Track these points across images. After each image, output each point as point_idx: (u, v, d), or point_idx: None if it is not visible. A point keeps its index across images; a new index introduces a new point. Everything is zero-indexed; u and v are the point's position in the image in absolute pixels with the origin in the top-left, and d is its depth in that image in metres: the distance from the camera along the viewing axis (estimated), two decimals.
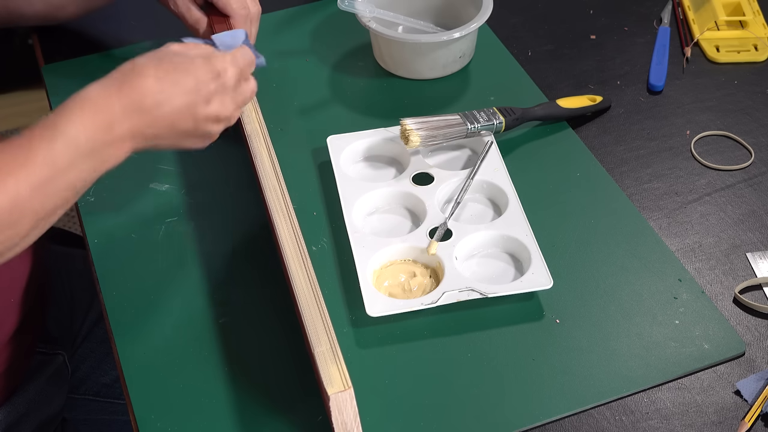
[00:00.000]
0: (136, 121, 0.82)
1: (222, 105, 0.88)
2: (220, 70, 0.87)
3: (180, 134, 0.86)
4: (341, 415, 0.79)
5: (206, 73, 0.86)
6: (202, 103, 0.86)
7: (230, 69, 0.88)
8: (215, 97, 0.87)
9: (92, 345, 1.19)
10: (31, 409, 1.08)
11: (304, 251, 0.89)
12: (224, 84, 0.87)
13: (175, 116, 0.84)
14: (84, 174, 0.80)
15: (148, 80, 0.83)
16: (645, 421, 0.86)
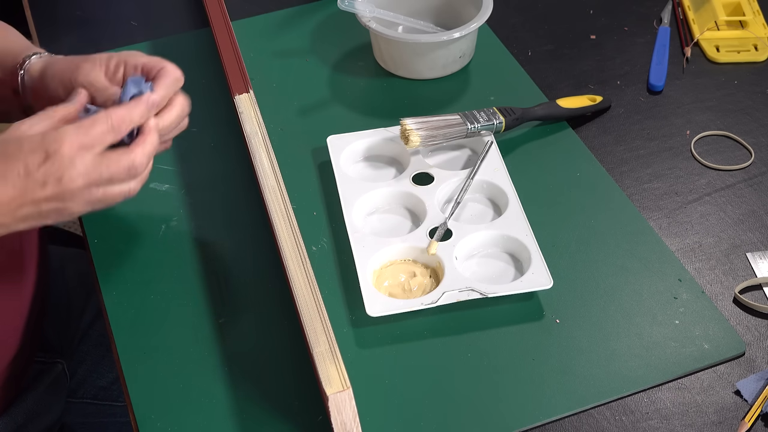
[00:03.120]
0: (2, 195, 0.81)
1: (59, 184, 0.81)
2: (50, 150, 0.81)
3: (27, 218, 0.83)
4: (340, 415, 0.79)
5: (36, 155, 0.81)
6: (37, 188, 0.81)
7: (65, 146, 0.81)
8: (50, 177, 0.81)
9: (88, 348, 1.19)
10: (29, 419, 1.08)
11: (303, 251, 0.89)
12: (57, 162, 0.81)
13: (13, 205, 0.81)
14: None
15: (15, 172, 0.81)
16: (645, 421, 0.86)
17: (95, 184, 0.83)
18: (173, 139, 1.05)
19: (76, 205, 0.84)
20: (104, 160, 0.83)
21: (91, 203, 0.84)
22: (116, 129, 0.84)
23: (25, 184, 0.81)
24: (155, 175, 1.09)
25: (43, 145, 0.81)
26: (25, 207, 0.82)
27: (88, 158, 0.82)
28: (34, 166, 0.80)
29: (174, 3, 1.35)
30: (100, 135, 0.83)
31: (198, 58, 1.24)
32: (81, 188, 0.82)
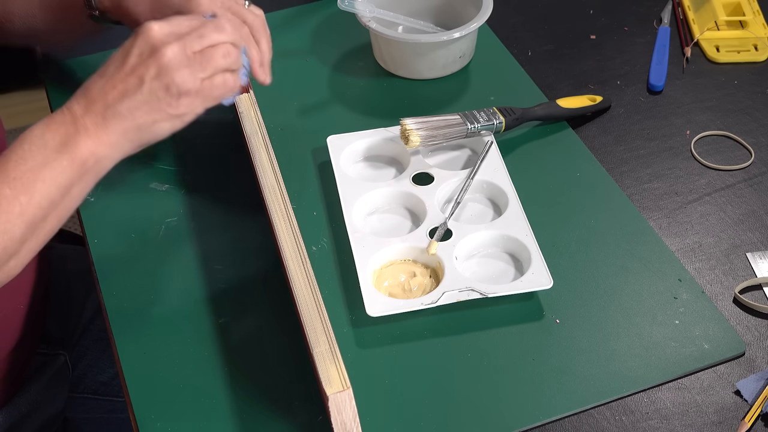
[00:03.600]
0: (89, 113, 0.83)
1: (152, 49, 0.83)
2: (138, 30, 0.85)
3: (137, 100, 0.83)
4: (340, 415, 0.79)
5: (128, 41, 0.85)
6: (134, 60, 0.84)
7: (150, 23, 0.84)
8: (142, 47, 0.84)
9: (88, 343, 1.19)
10: (32, 409, 1.08)
11: (303, 251, 0.89)
12: (146, 33, 0.84)
13: (117, 83, 0.83)
14: (61, 171, 0.81)
15: (92, 80, 0.85)
16: (645, 421, 0.86)
17: (187, 41, 0.84)
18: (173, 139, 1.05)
19: (182, 75, 0.83)
20: (187, 20, 0.86)
21: (194, 72, 0.84)
22: None
23: (123, 61, 0.83)
24: (155, 175, 1.09)
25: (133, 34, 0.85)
26: (128, 81, 0.83)
27: (173, 23, 0.85)
28: (127, 44, 0.84)
29: None
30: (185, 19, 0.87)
31: None
32: (175, 49, 0.83)
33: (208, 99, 0.87)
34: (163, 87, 0.83)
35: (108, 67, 0.84)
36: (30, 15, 1.10)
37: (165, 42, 0.83)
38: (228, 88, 0.88)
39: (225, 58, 0.86)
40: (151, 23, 0.84)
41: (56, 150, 0.81)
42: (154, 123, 0.85)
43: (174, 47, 0.83)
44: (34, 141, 0.81)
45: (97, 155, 0.83)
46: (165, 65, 0.83)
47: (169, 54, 0.83)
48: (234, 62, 0.87)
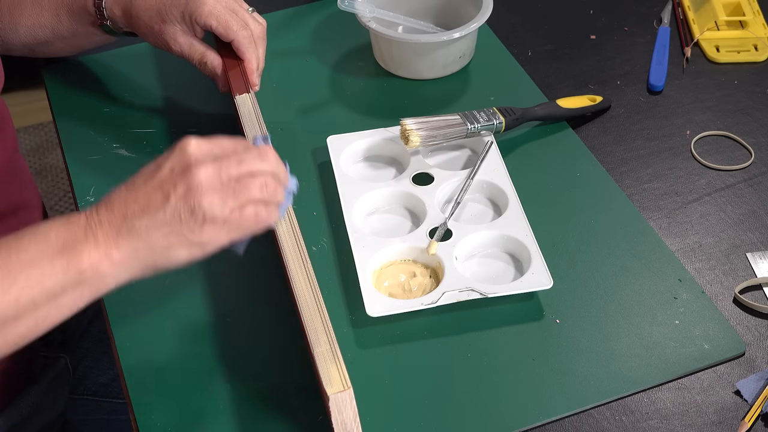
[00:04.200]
0: (108, 226, 0.75)
1: (186, 167, 0.76)
2: (176, 145, 0.78)
3: (159, 220, 0.75)
4: (341, 415, 0.79)
5: (165, 154, 0.78)
6: (165, 176, 0.76)
7: (191, 139, 0.78)
8: (176, 163, 0.77)
9: (87, 344, 1.19)
10: (33, 412, 1.08)
11: (303, 251, 0.89)
12: (183, 150, 0.77)
13: (141, 198, 0.76)
14: (52, 274, 0.74)
15: (118, 189, 0.78)
16: (645, 421, 0.86)
17: (223, 166, 0.77)
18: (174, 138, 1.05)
19: (211, 201, 0.76)
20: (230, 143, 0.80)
21: (225, 200, 0.76)
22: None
23: (152, 175, 0.77)
24: None
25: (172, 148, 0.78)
26: (153, 198, 0.76)
27: (214, 144, 0.79)
28: (162, 159, 0.78)
29: None
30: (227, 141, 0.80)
31: None
32: (210, 173, 0.76)
33: (235, 230, 0.78)
34: (189, 209, 0.75)
35: (137, 177, 0.78)
36: (38, 25, 1.10)
37: (200, 161, 0.76)
38: (259, 222, 0.79)
39: (261, 190, 0.78)
40: (190, 138, 0.77)
41: (55, 251, 0.74)
42: (170, 247, 0.76)
43: (208, 168, 0.76)
44: (39, 235, 0.75)
45: (98, 269, 0.75)
46: (195, 186, 0.75)
47: (201, 174, 0.76)
48: (271, 195, 0.79)
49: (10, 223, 1.04)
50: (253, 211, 0.78)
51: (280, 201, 0.81)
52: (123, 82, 1.22)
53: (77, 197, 1.07)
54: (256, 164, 0.79)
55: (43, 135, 2.52)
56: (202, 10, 1.03)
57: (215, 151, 0.78)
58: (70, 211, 2.31)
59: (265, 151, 0.81)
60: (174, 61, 1.15)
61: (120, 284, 0.77)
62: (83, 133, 1.15)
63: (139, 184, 0.77)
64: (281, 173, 0.82)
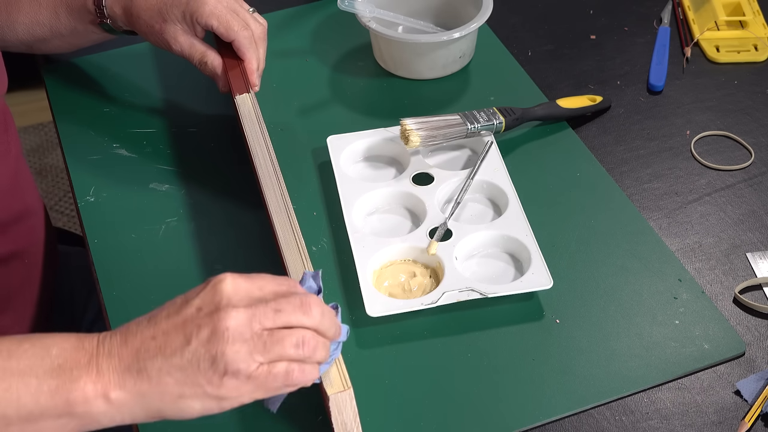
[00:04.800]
0: (118, 358, 0.68)
1: (215, 309, 0.68)
2: (212, 279, 0.71)
3: (174, 365, 0.67)
4: (341, 415, 0.79)
5: (197, 288, 0.71)
6: (191, 314, 0.69)
7: (227, 276, 0.71)
8: (205, 302, 0.69)
9: None
10: None
11: (303, 251, 0.89)
12: (216, 288, 0.70)
13: (160, 337, 0.68)
14: (34, 395, 0.65)
15: (136, 321, 0.70)
16: (645, 421, 0.86)
17: (257, 317, 0.68)
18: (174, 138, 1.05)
19: (236, 352, 0.67)
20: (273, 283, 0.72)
21: (252, 354, 0.68)
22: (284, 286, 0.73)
23: (179, 311, 0.69)
24: (155, 175, 1.09)
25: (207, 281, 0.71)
26: (173, 339, 0.67)
27: (252, 287, 0.71)
28: (193, 293, 0.70)
29: None
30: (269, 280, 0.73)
31: None
32: (240, 323, 0.68)
33: (261, 388, 0.69)
34: (210, 357, 0.66)
35: (162, 310, 0.70)
36: (36, 23, 1.10)
37: (232, 304, 0.68)
38: (289, 381, 0.70)
39: (297, 347, 0.69)
40: (227, 275, 0.70)
41: (50, 369, 0.66)
42: (182, 396, 0.67)
43: (240, 314, 0.68)
44: (39, 345, 0.67)
45: (90, 405, 0.67)
46: (221, 331, 0.67)
47: (230, 320, 0.67)
48: (308, 354, 0.70)
49: (15, 230, 1.04)
50: (284, 369, 0.69)
51: (320, 360, 0.71)
52: (123, 82, 1.22)
53: (77, 197, 1.07)
54: (297, 316, 0.70)
55: (43, 135, 2.51)
56: (204, 10, 1.03)
57: (253, 293, 0.70)
58: (70, 211, 2.31)
59: (308, 302, 0.71)
60: (174, 61, 1.15)
61: (118, 424, 0.69)
62: (83, 133, 1.15)
63: (161, 318, 0.68)
64: (326, 328, 0.72)
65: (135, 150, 1.12)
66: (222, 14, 1.04)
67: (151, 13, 1.04)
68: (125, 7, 1.06)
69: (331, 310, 0.74)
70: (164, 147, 1.12)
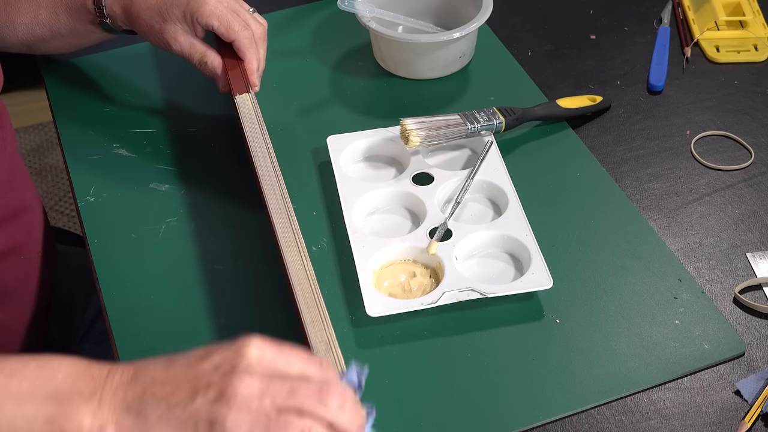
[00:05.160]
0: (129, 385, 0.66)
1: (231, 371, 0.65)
2: (239, 341, 0.67)
3: (172, 415, 0.64)
4: None
5: (225, 344, 0.68)
6: (208, 369, 0.66)
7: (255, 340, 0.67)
8: (225, 361, 0.66)
9: (89, 346, 1.19)
10: None
11: (303, 251, 0.89)
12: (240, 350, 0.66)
13: (170, 384, 0.65)
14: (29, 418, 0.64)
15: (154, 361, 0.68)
16: (645, 421, 0.86)
17: (271, 394, 0.64)
18: (174, 138, 1.05)
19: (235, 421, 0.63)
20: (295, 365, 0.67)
21: None
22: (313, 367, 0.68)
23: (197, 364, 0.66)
24: (155, 175, 1.09)
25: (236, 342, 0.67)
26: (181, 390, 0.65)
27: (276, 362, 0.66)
28: (216, 348, 0.67)
29: None
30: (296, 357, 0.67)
31: None
32: (251, 394, 0.64)
33: None
34: (210, 419, 0.63)
35: (182, 357, 0.67)
36: (36, 23, 1.10)
37: (250, 371, 0.64)
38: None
39: None
40: (256, 339, 0.66)
41: (50, 395, 0.65)
42: None
43: (254, 384, 0.64)
44: (45, 368, 0.66)
45: None
46: (228, 395, 0.63)
47: (242, 387, 0.64)
48: None
49: (12, 226, 1.04)
50: None
51: None
52: (123, 82, 1.22)
53: (77, 197, 1.07)
54: (311, 402, 0.64)
55: (43, 135, 2.52)
56: (204, 10, 1.03)
57: (277, 365, 0.66)
58: (70, 211, 2.31)
59: (329, 390, 0.65)
60: (174, 61, 1.15)
61: None
62: (83, 133, 1.15)
63: (178, 365, 0.66)
64: (343, 423, 0.65)
65: (135, 150, 1.12)
66: (222, 14, 1.04)
67: (151, 12, 1.04)
68: (125, 6, 1.06)
69: (358, 406, 0.67)
70: (164, 147, 1.12)
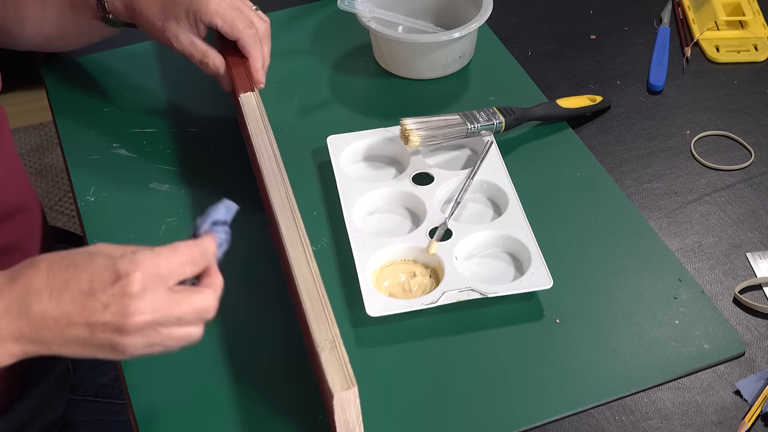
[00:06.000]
0: (18, 321, 0.72)
1: (122, 313, 0.71)
2: (122, 272, 0.71)
3: (74, 342, 0.72)
4: (344, 414, 0.79)
5: (105, 274, 0.72)
6: (98, 308, 0.71)
7: (137, 273, 0.71)
8: (114, 302, 0.71)
9: None
10: (33, 415, 1.08)
11: (308, 250, 0.89)
12: (125, 289, 0.71)
13: (63, 321, 0.71)
14: None
15: (37, 277, 0.72)
16: (645, 421, 0.86)
17: (161, 323, 0.73)
18: (174, 138, 1.05)
19: (133, 344, 0.72)
20: (176, 297, 0.74)
21: (149, 346, 0.74)
22: (197, 262, 0.76)
23: (84, 302, 0.71)
24: (155, 175, 1.09)
25: (115, 264, 0.72)
26: (77, 328, 0.72)
27: (159, 291, 0.73)
28: (100, 285, 0.71)
29: None
30: (178, 266, 0.74)
31: None
32: (145, 325, 0.72)
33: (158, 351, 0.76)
34: (110, 345, 0.72)
35: (65, 290, 0.72)
36: (42, 19, 1.10)
37: (141, 310, 0.72)
38: (185, 341, 0.77)
39: (184, 341, 0.76)
40: (136, 272, 0.72)
41: None
42: (86, 355, 0.74)
43: (145, 317, 0.72)
44: None
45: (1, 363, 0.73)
46: (125, 329, 0.72)
47: (136, 322, 0.72)
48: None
49: (9, 225, 1.04)
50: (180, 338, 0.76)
51: None
52: (123, 82, 1.22)
53: (77, 197, 1.07)
54: (189, 318, 0.75)
55: (43, 135, 2.51)
56: (208, 8, 1.03)
57: (159, 293, 0.73)
58: (70, 211, 2.31)
59: (206, 312, 0.76)
60: (174, 61, 1.15)
61: None
62: (83, 133, 1.15)
63: (66, 301, 0.72)
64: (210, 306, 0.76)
65: (135, 150, 1.12)
66: (226, 12, 1.04)
67: (153, 9, 1.04)
68: (127, 2, 1.06)
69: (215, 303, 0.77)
70: (164, 147, 1.12)
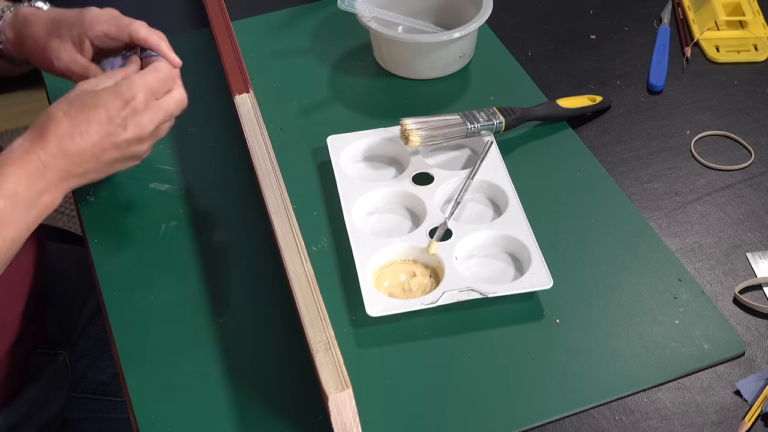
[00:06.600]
0: (63, 164, 0.88)
1: (139, 126, 0.92)
2: (128, 97, 0.91)
3: (108, 164, 0.93)
4: (340, 415, 0.79)
5: (115, 102, 0.90)
6: (120, 131, 0.91)
7: (139, 93, 0.92)
8: (130, 121, 0.91)
9: (88, 343, 1.19)
10: (33, 410, 1.08)
11: (303, 251, 0.89)
12: (135, 108, 0.92)
13: (97, 150, 0.90)
14: (28, 225, 0.88)
15: (62, 125, 0.88)
16: (645, 421, 0.86)
17: (162, 122, 0.95)
18: (174, 138, 1.04)
19: (149, 146, 0.96)
20: (165, 101, 0.95)
21: (154, 140, 0.96)
22: (173, 77, 0.97)
23: (108, 130, 0.90)
24: (155, 175, 1.09)
25: (119, 94, 0.91)
26: (108, 152, 0.91)
27: (155, 102, 0.94)
28: (115, 112, 0.90)
29: (173, 3, 1.35)
30: (162, 82, 0.95)
31: (198, 58, 1.23)
32: (154, 128, 0.94)
33: None
34: (133, 156, 0.95)
35: (78, 133, 0.89)
36: None
37: (151, 120, 0.94)
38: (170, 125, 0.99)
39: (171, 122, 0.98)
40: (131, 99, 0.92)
41: (28, 206, 0.87)
42: (114, 171, 0.96)
43: (147, 143, 0.96)
44: (7, 196, 0.86)
45: (55, 204, 0.91)
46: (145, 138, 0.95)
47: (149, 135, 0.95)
48: None
49: None
50: None
51: None
52: None
53: (77, 197, 1.07)
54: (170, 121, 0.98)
55: None
56: (91, 22, 0.99)
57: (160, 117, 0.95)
58: (70, 211, 2.31)
59: (181, 103, 0.98)
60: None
61: None
62: None
63: (90, 142, 0.90)
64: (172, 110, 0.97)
65: None
66: (110, 20, 1.00)
67: (40, 29, 1.01)
68: (17, 28, 1.02)
69: None
70: (164, 147, 1.12)
